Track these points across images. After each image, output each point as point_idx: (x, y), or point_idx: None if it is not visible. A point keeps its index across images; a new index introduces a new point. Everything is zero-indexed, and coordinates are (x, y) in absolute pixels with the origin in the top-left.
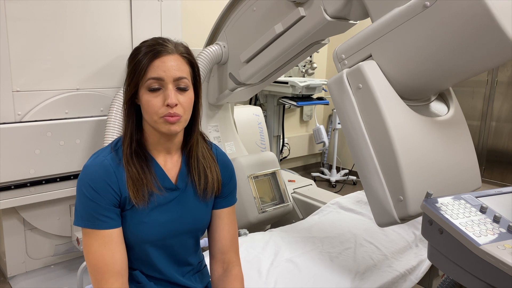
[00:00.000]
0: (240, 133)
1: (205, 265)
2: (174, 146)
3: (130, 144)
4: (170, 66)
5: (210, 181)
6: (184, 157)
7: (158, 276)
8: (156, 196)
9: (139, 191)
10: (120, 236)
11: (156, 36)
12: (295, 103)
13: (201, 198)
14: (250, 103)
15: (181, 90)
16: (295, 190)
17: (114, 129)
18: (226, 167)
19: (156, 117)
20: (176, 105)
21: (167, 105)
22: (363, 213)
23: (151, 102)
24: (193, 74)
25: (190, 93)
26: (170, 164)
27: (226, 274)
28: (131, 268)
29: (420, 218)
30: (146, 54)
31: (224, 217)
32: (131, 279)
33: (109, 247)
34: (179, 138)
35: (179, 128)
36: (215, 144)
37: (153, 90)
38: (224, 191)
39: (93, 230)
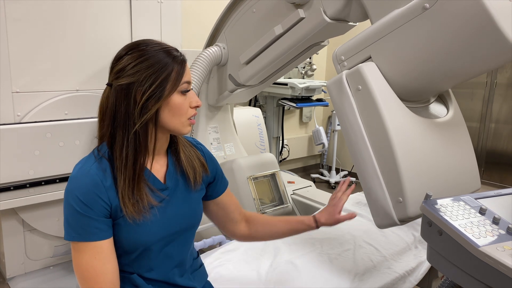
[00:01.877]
0: (239, 134)
1: (202, 264)
2: (165, 146)
3: (143, 160)
4: (189, 72)
5: (198, 170)
6: (170, 156)
7: (157, 277)
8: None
9: (138, 207)
10: (110, 247)
11: (156, 37)
12: (294, 105)
13: (192, 189)
14: (249, 105)
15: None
16: (294, 191)
17: None
18: (210, 159)
19: (184, 119)
20: None
21: (196, 106)
22: (362, 215)
23: (183, 105)
24: None
25: None
26: (158, 165)
27: (252, 219)
28: (128, 272)
29: (419, 220)
30: (175, 59)
31: (226, 199)
32: (129, 282)
33: (99, 258)
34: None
35: None
36: (194, 138)
37: (185, 93)
38: (216, 179)
39: (84, 242)
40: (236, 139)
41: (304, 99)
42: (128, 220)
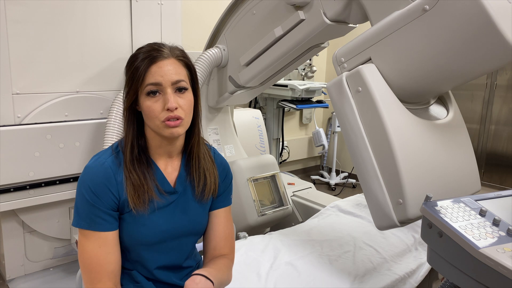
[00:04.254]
0: (239, 136)
1: None
2: (175, 149)
3: (132, 151)
4: (167, 71)
5: (208, 182)
6: (183, 160)
7: (156, 278)
8: (156, 199)
9: (140, 198)
10: (116, 239)
11: (156, 39)
12: (294, 106)
13: (198, 200)
14: (249, 106)
15: (180, 92)
16: (294, 193)
17: (114, 132)
18: (223, 167)
19: (158, 122)
20: (176, 108)
21: (168, 109)
22: (362, 216)
23: (151, 108)
24: (190, 76)
25: (189, 95)
26: (170, 168)
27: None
28: (128, 268)
29: (419, 221)
30: (143, 60)
31: (220, 216)
32: (130, 278)
33: (104, 248)
34: (181, 141)
35: (181, 130)
36: (214, 147)
37: (151, 95)
38: (219, 189)
39: (90, 231)
40: (236, 140)
41: (304, 101)
42: (133, 213)
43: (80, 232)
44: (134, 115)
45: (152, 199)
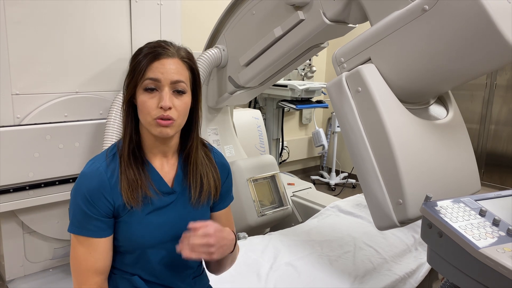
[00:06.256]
0: (239, 136)
1: (204, 269)
2: (170, 149)
3: (129, 143)
4: (168, 69)
5: (205, 189)
6: (180, 161)
7: (157, 281)
8: (153, 199)
9: (134, 193)
10: (107, 245)
11: (156, 39)
12: (294, 106)
13: (194, 204)
14: (249, 106)
15: (178, 94)
16: (294, 193)
17: (113, 132)
18: (224, 167)
19: (149, 118)
20: (170, 108)
21: (161, 107)
22: (362, 217)
23: (146, 103)
24: (192, 79)
25: (187, 98)
26: (167, 167)
27: None
28: (129, 273)
29: (419, 222)
30: (146, 55)
31: (222, 217)
32: (130, 284)
33: (94, 254)
34: (175, 141)
35: (171, 132)
36: (213, 147)
37: (149, 90)
38: (222, 190)
39: (83, 236)
40: (236, 141)
41: (304, 101)
42: (130, 214)
43: (72, 236)
44: (132, 109)
45: (147, 195)
